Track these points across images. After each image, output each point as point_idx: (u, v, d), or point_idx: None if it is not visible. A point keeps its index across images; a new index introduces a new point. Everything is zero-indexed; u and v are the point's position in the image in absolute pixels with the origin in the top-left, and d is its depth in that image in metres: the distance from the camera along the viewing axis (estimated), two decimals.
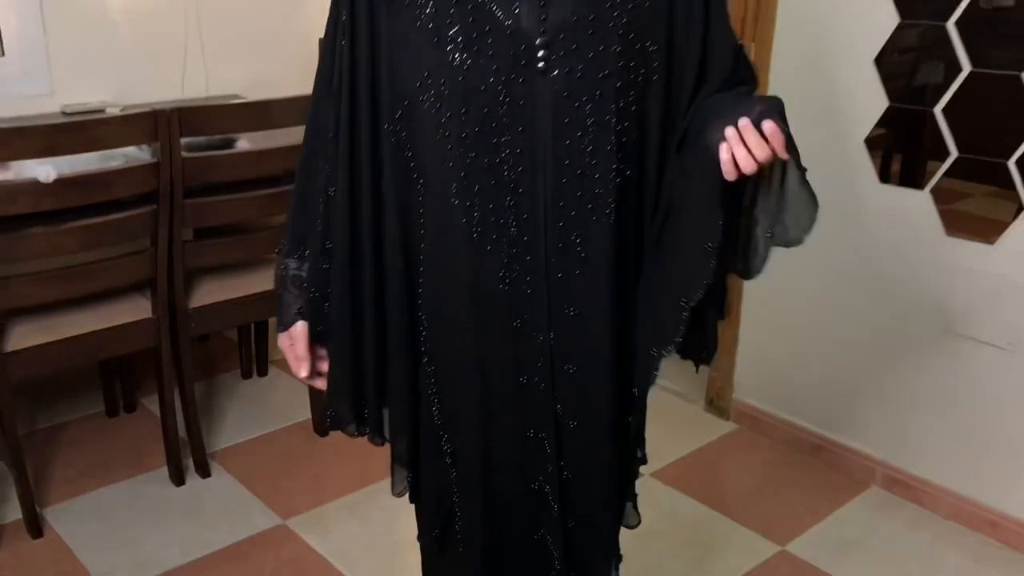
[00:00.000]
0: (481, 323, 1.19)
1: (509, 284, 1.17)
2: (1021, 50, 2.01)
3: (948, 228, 2.21)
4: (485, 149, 1.13)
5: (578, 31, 1.11)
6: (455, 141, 1.13)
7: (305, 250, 1.27)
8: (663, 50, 1.14)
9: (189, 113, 2.13)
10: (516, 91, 1.11)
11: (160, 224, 2.18)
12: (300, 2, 3.33)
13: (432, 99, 1.14)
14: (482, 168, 1.14)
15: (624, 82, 1.12)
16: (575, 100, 1.11)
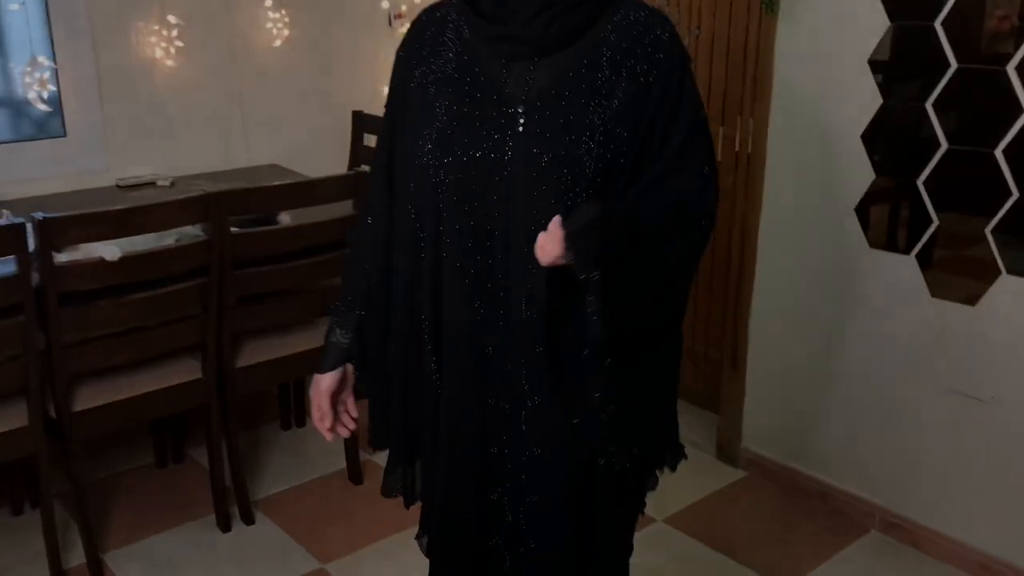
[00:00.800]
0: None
1: (492, 351, 1.35)
2: (993, 127, 2.19)
3: (933, 290, 2.39)
4: (468, 199, 1.29)
5: (555, 100, 1.26)
6: (446, 199, 1.30)
7: (350, 312, 1.48)
8: (632, 137, 1.27)
9: (236, 196, 2.36)
10: (496, 147, 1.27)
11: (210, 294, 2.40)
12: (332, 79, 3.58)
13: (427, 160, 1.30)
14: (467, 219, 1.29)
15: (586, 153, 1.25)
16: (542, 159, 1.25)
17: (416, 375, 1.42)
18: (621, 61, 1.27)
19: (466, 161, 1.28)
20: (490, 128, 1.28)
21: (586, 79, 1.26)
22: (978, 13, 2.18)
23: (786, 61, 2.57)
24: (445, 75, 1.32)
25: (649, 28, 1.30)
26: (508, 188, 1.28)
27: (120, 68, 3.08)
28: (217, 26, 3.25)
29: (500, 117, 1.27)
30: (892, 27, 2.33)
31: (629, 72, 1.27)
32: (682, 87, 1.29)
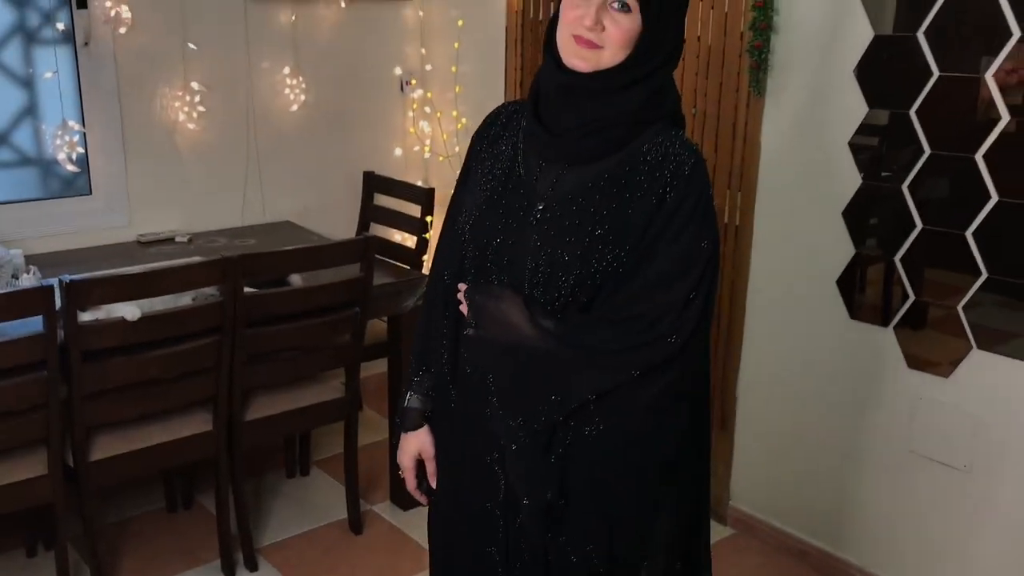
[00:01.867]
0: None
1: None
2: (963, 213, 2.32)
3: (909, 362, 2.51)
4: (485, 275, 1.50)
5: (569, 204, 1.44)
6: (471, 273, 1.53)
7: (425, 369, 1.65)
8: (630, 256, 1.40)
9: (251, 259, 2.50)
10: (511, 234, 1.47)
11: (223, 351, 2.54)
12: (345, 139, 3.75)
13: (462, 236, 1.54)
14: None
15: (581, 258, 1.40)
16: (545, 251, 1.43)
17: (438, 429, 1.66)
18: (639, 183, 1.42)
19: (488, 241, 1.49)
20: (511, 217, 1.48)
21: (602, 192, 1.42)
22: (948, 104, 2.32)
23: (772, 140, 2.71)
24: (495, 164, 1.53)
25: (675, 156, 1.42)
26: (514, 271, 1.47)
27: (145, 130, 3.25)
28: (237, 92, 3.43)
29: (521, 209, 1.47)
30: (870, 112, 2.48)
31: (644, 193, 1.41)
32: (692, 214, 1.40)
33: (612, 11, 1.38)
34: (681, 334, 1.39)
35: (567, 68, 1.42)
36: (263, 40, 3.45)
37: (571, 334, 1.42)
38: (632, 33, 1.39)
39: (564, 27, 1.42)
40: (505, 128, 1.56)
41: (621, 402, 1.42)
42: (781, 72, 2.65)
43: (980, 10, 2.22)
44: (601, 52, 1.39)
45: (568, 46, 1.41)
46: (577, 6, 1.40)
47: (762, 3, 2.58)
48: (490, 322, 1.47)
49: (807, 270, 2.69)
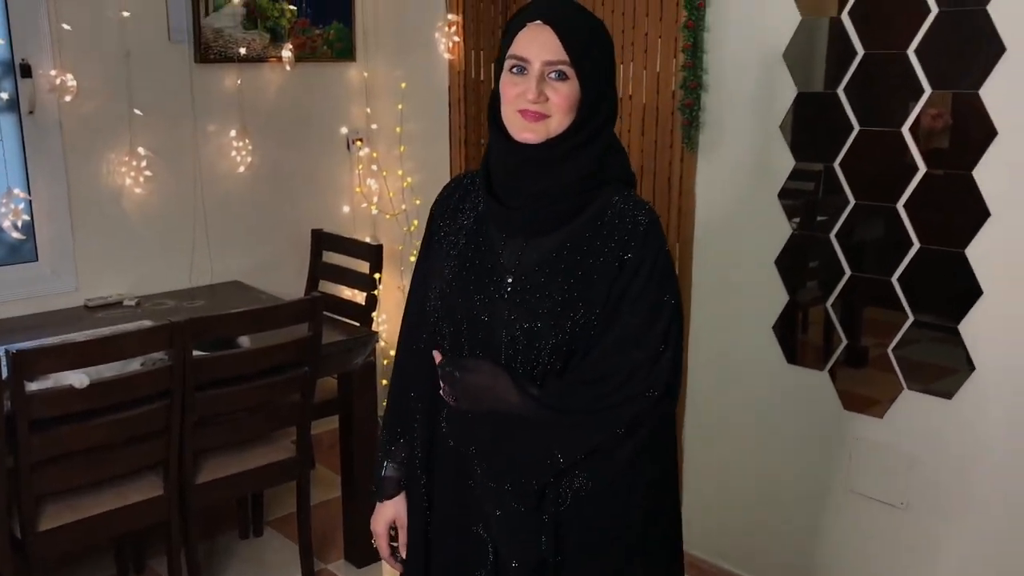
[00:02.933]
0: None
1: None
2: (888, 259, 2.43)
3: (845, 403, 2.60)
4: (459, 349, 1.54)
5: (537, 276, 1.48)
6: (443, 347, 1.56)
7: (400, 438, 1.67)
8: (603, 313, 1.45)
9: (199, 323, 2.52)
10: (483, 309, 1.50)
11: (173, 415, 2.55)
12: (293, 198, 3.79)
13: (434, 313, 1.57)
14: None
15: (556, 325, 1.45)
16: (521, 324, 1.47)
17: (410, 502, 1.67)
18: (601, 246, 1.48)
19: (460, 316, 1.52)
20: (482, 291, 1.51)
21: (567, 260, 1.48)
22: (869, 157, 2.44)
23: (706, 192, 2.82)
24: (458, 238, 1.57)
25: (631, 216, 1.49)
26: (492, 343, 1.50)
27: (91, 196, 3.27)
28: (184, 156, 3.46)
29: (491, 283, 1.51)
30: (797, 165, 2.59)
31: (608, 255, 1.47)
32: (652, 271, 1.46)
33: (551, 81, 1.45)
34: (657, 387, 1.46)
35: (517, 142, 1.48)
36: (209, 104, 3.50)
37: (555, 398, 1.46)
38: (573, 98, 1.45)
39: (508, 104, 1.48)
40: (463, 200, 1.61)
41: (607, 458, 1.47)
42: (712, 128, 2.76)
43: (894, 68, 2.35)
44: (548, 121, 1.46)
45: (515, 121, 1.47)
46: (517, 83, 1.46)
47: (691, 63, 2.70)
48: (470, 395, 1.50)
49: (745, 317, 2.78)
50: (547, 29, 1.44)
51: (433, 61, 3.61)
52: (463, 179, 1.65)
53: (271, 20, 3.58)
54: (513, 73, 1.47)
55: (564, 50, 1.43)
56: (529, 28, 1.46)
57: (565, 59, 1.44)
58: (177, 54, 3.39)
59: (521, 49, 1.46)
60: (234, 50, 3.49)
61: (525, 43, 1.45)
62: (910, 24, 2.31)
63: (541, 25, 1.45)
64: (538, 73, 1.44)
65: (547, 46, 1.44)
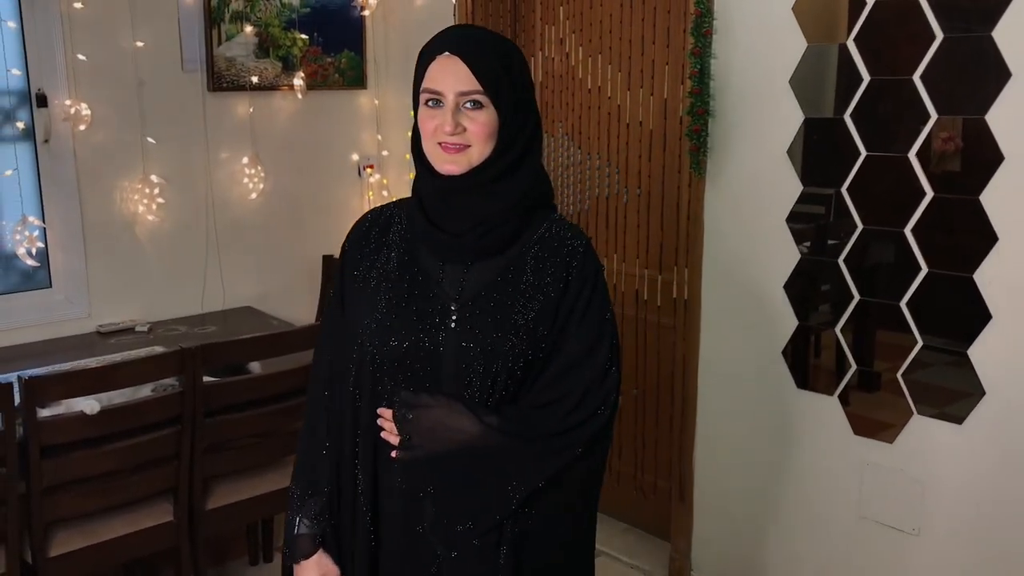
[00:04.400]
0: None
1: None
2: (897, 284, 2.43)
3: (855, 428, 2.58)
4: (403, 384, 1.47)
5: (484, 301, 1.47)
6: (383, 383, 1.49)
7: (313, 494, 1.58)
8: (550, 334, 1.47)
9: (210, 349, 2.54)
10: (430, 340, 1.46)
11: (183, 441, 2.56)
12: (304, 224, 3.82)
13: (367, 346, 1.49)
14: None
15: (510, 349, 1.44)
16: (471, 351, 1.44)
17: (357, 548, 1.56)
18: (543, 268, 1.49)
19: (404, 350, 1.47)
20: (425, 321, 1.48)
21: (512, 283, 1.48)
22: (876, 182, 2.44)
23: (715, 217, 2.82)
24: (387, 271, 1.53)
25: (567, 240, 1.52)
26: (439, 376, 1.47)
27: (104, 223, 3.30)
28: (196, 183, 3.50)
29: (435, 313, 1.48)
30: (805, 191, 2.59)
31: (551, 277, 1.49)
32: (594, 291, 1.50)
33: (466, 111, 1.43)
34: (608, 404, 1.49)
35: (442, 175, 1.46)
36: (222, 131, 3.54)
37: (516, 424, 1.45)
38: (491, 126, 1.44)
39: (427, 138, 1.46)
40: (384, 234, 1.56)
41: (564, 480, 1.47)
42: (720, 153, 2.77)
43: (901, 94, 2.36)
44: (469, 151, 1.44)
45: (436, 154, 1.45)
46: (433, 116, 1.45)
47: (699, 90, 2.71)
48: (427, 434, 1.45)
49: (754, 342, 2.78)
50: (456, 60, 1.43)
51: None
52: (377, 214, 1.60)
53: (283, 49, 3.62)
54: (429, 107, 1.45)
55: (476, 79, 1.42)
56: (439, 60, 1.45)
57: (478, 88, 1.42)
58: (190, 83, 3.43)
59: (434, 82, 1.44)
60: (246, 78, 3.53)
61: (437, 76, 1.44)
62: (916, 50, 2.32)
63: (450, 56, 1.44)
64: (452, 105, 1.43)
65: (459, 77, 1.43)
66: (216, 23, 3.44)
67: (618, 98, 3.07)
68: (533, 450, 1.45)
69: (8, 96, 3.11)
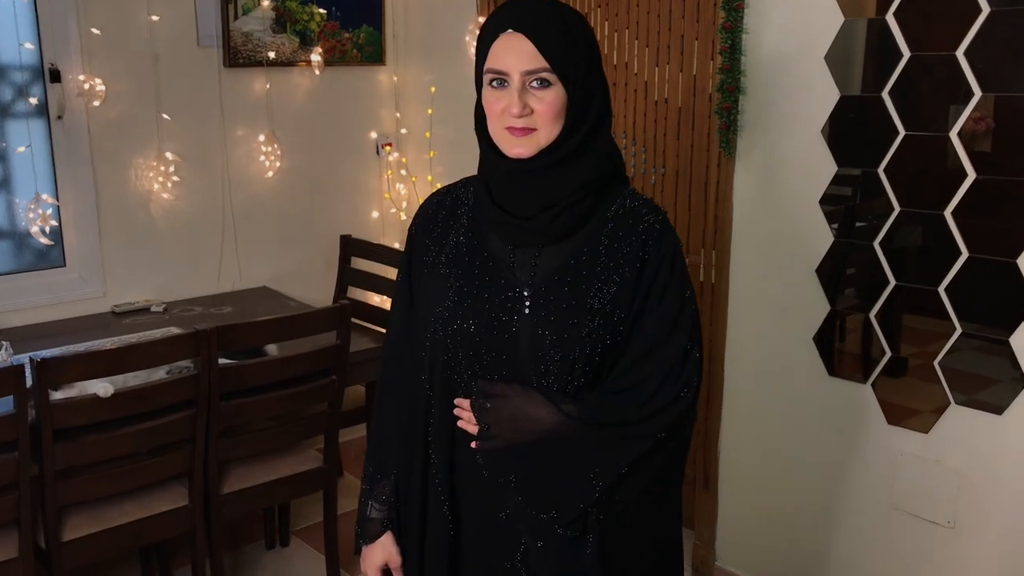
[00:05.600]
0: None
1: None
2: (935, 268, 2.34)
3: (889, 418, 2.50)
4: (477, 373, 1.43)
5: (558, 286, 1.42)
6: (458, 372, 1.45)
7: (382, 481, 1.59)
8: (627, 316, 1.41)
9: (225, 331, 2.48)
10: (504, 328, 1.41)
11: (198, 425, 2.51)
12: (322, 203, 3.75)
13: (440, 334, 1.45)
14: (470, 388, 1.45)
15: (587, 335, 1.39)
16: (547, 338, 1.39)
17: (433, 535, 1.53)
18: (618, 248, 1.43)
19: (477, 338, 1.42)
20: (498, 308, 1.43)
21: (586, 266, 1.42)
22: (915, 162, 2.35)
23: (744, 198, 2.74)
24: (457, 256, 1.47)
25: (643, 216, 1.45)
26: (514, 364, 1.42)
27: (119, 201, 3.25)
28: (212, 160, 3.43)
29: (507, 299, 1.42)
30: (839, 171, 2.50)
31: (625, 258, 1.42)
32: (672, 270, 1.43)
33: (533, 91, 1.37)
34: (691, 387, 1.43)
35: (510, 158, 1.41)
36: (238, 108, 3.47)
37: (595, 413, 1.41)
38: (559, 105, 1.38)
39: (494, 121, 1.41)
40: (451, 217, 1.52)
41: (648, 466, 1.43)
42: (750, 132, 2.68)
43: (943, 70, 2.26)
44: (537, 134, 1.38)
45: (504, 138, 1.40)
46: (499, 97, 1.39)
47: (729, 66, 2.62)
48: (506, 424, 1.41)
49: (784, 327, 2.70)
50: (520, 37, 1.37)
51: (463, 64, 3.56)
52: (442, 196, 1.55)
53: (300, 24, 3.54)
54: (494, 87, 1.40)
55: (542, 56, 1.36)
56: (502, 39, 1.38)
57: (544, 66, 1.36)
58: (206, 58, 3.36)
59: (497, 62, 1.38)
60: (263, 54, 3.46)
61: (500, 55, 1.38)
62: (959, 25, 2.22)
63: (513, 34, 1.37)
64: (519, 85, 1.37)
65: (523, 55, 1.36)
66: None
67: (645, 74, 2.97)
68: (614, 438, 1.40)
69: (21, 71, 3.04)
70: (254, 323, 2.60)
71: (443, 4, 3.68)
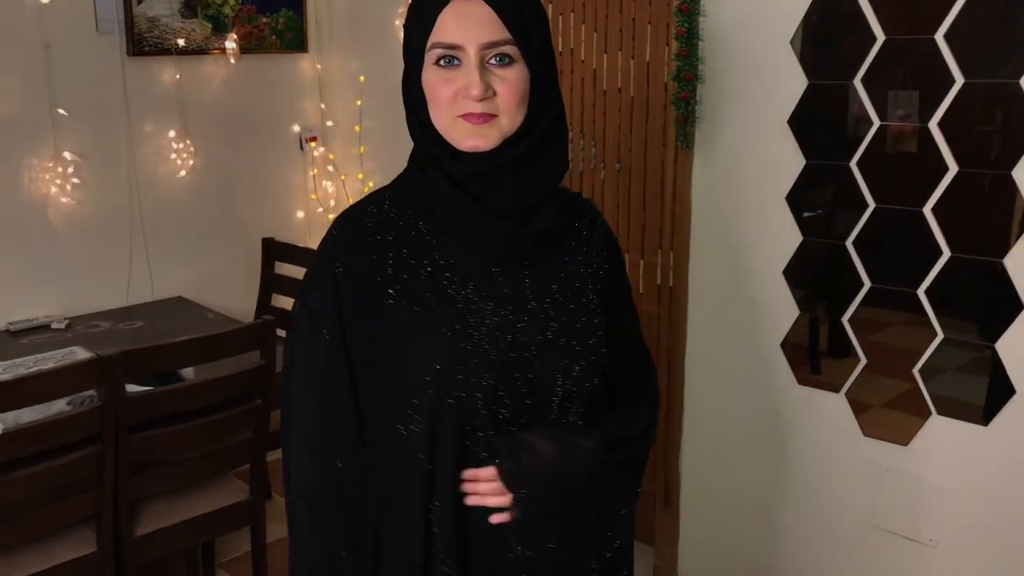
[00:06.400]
0: None
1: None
2: (914, 270, 2.17)
3: (865, 429, 2.34)
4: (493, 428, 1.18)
5: (565, 305, 1.23)
6: (452, 434, 1.17)
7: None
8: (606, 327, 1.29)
9: (133, 356, 2.19)
10: (521, 366, 1.18)
11: (105, 462, 2.22)
12: (241, 204, 3.48)
13: (439, 393, 1.15)
14: (497, 424, 1.18)
15: (603, 352, 1.24)
16: (575, 364, 1.21)
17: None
18: (588, 252, 1.28)
19: (500, 393, 1.17)
20: (510, 349, 1.18)
21: (578, 276, 1.26)
22: (891, 153, 2.18)
23: (704, 195, 2.54)
24: (433, 291, 1.18)
25: (586, 210, 1.32)
26: (532, 408, 1.20)
27: (12, 208, 2.92)
28: (117, 160, 3.12)
29: (519, 334, 1.19)
30: (808, 165, 2.32)
31: (596, 261, 1.29)
32: (622, 266, 1.35)
33: (492, 68, 1.14)
34: (653, 363, 1.44)
35: (464, 153, 1.16)
36: (145, 101, 3.16)
37: (611, 438, 1.26)
38: (523, 85, 1.15)
39: (443, 108, 1.15)
40: (393, 245, 1.20)
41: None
42: (709, 124, 2.48)
43: (921, 55, 2.09)
44: (498, 120, 1.15)
45: (457, 128, 1.15)
46: (449, 79, 1.14)
47: (687, 52, 2.41)
48: (544, 482, 1.18)
49: (749, 333, 2.51)
50: (478, 3, 1.13)
51: (394, 51, 3.28)
52: (368, 209, 1.23)
53: (213, 8, 3.25)
54: (441, 67, 1.14)
55: (504, 26, 1.13)
56: (453, 4, 1.13)
57: (507, 37, 1.13)
58: (107, 46, 3.05)
59: (448, 33, 1.13)
60: (172, 41, 3.16)
61: (451, 24, 1.13)
62: (938, 5, 2.04)
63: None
64: (476, 61, 1.13)
65: (483, 23, 1.12)
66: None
67: (593, 61, 2.75)
68: (628, 459, 1.30)
69: None
70: (165, 346, 2.31)
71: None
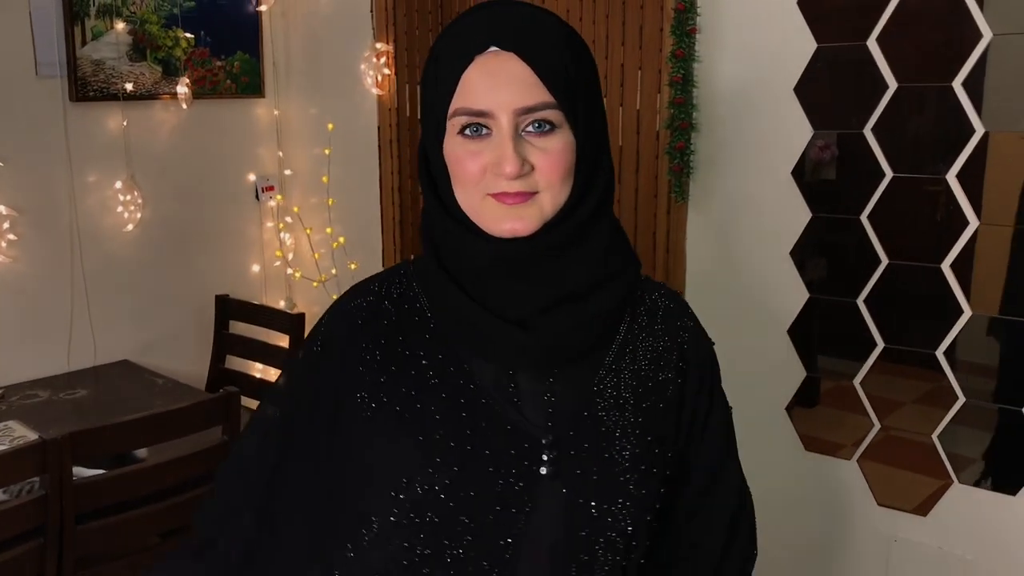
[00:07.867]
0: None
1: None
2: (932, 329, 2.05)
3: (879, 498, 2.19)
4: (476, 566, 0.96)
5: (596, 427, 0.98)
6: (437, 561, 0.96)
7: None
8: (675, 460, 1.05)
9: (82, 438, 1.95)
10: (513, 499, 0.95)
11: (47, 557, 1.96)
12: (192, 258, 3.25)
13: (406, 513, 0.95)
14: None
15: (642, 487, 0.99)
16: (588, 508, 0.96)
17: None
18: (651, 364, 1.03)
19: (473, 525, 0.95)
20: (504, 470, 0.95)
21: (625, 393, 1.01)
22: (906, 207, 2.06)
23: (700, 250, 2.40)
24: (421, 388, 0.98)
25: (675, 316, 1.08)
26: (520, 561, 0.96)
27: None
28: (58, 213, 2.88)
29: (518, 456, 0.96)
30: (814, 219, 2.19)
31: (664, 372, 1.04)
32: (713, 382, 1.09)
33: (530, 138, 0.93)
34: (750, 501, 1.18)
35: (495, 238, 0.95)
36: (89, 150, 2.93)
37: None
38: (567, 155, 0.95)
39: (470, 187, 0.95)
40: (392, 329, 1.02)
41: None
42: (706, 175, 2.35)
43: (936, 102, 1.98)
44: (539, 199, 0.94)
45: (490, 210, 0.95)
46: (477, 152, 0.93)
47: (682, 99, 2.28)
48: None
49: (751, 397, 2.35)
50: (510, 58, 0.93)
51: (359, 97, 3.11)
52: (371, 296, 1.05)
53: (163, 50, 3.04)
54: (467, 136, 0.94)
55: (544, 87, 0.93)
56: (481, 61, 0.93)
57: (548, 100, 0.93)
58: (46, 91, 2.82)
59: (475, 97, 0.93)
60: (118, 86, 2.94)
61: (480, 86, 0.93)
62: (956, 53, 1.94)
63: (499, 53, 0.93)
64: (510, 131, 0.92)
65: (518, 84, 0.92)
66: (79, 18, 2.83)
67: None
68: None
69: None
70: (119, 424, 2.07)
71: (331, 27, 3.22)
